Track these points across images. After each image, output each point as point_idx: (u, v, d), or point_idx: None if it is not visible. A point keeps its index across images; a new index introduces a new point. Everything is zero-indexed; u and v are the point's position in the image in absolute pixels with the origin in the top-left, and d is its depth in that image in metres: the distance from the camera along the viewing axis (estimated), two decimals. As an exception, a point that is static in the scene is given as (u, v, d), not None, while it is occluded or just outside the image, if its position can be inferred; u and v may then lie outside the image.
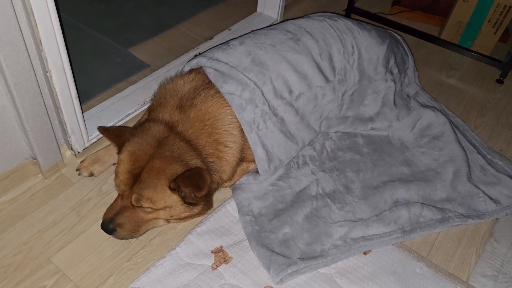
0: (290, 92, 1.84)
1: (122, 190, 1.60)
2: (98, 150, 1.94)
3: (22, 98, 1.56)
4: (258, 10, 2.93)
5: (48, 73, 1.62)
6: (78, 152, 1.94)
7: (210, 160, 1.68)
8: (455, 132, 2.14)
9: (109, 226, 1.59)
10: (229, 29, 2.75)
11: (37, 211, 1.76)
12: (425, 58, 2.83)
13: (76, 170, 1.89)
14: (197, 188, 1.54)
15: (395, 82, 2.19)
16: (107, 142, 1.99)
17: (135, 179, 1.56)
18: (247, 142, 1.76)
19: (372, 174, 1.98)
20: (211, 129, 1.69)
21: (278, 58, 1.85)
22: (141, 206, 1.58)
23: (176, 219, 1.68)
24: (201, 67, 1.81)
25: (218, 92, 1.73)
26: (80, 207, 1.79)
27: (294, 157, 1.98)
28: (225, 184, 1.84)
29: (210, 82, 1.75)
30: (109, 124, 2.03)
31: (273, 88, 1.80)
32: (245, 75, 1.75)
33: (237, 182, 1.88)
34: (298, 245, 1.67)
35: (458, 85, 2.65)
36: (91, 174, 1.88)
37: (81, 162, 1.90)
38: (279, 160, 1.85)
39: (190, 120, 1.67)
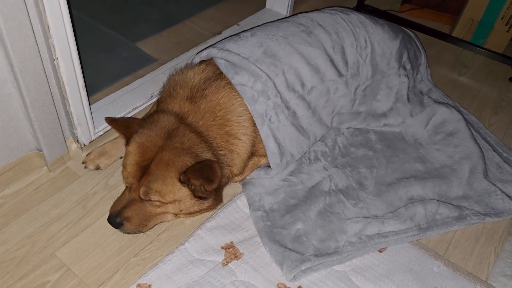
0: (303, 85, 1.79)
1: (130, 182, 1.54)
2: (105, 143, 1.89)
3: (28, 86, 1.51)
4: (267, 6, 2.89)
5: (55, 61, 1.57)
6: (84, 145, 1.88)
7: (221, 152, 1.62)
8: (470, 129, 2.09)
9: (116, 219, 1.53)
10: (238, 25, 2.71)
11: (41, 205, 1.71)
12: (437, 56, 2.78)
13: (82, 163, 1.84)
14: (207, 181, 1.48)
15: (408, 78, 2.14)
16: (114, 135, 1.94)
17: (143, 172, 1.51)
18: (259, 135, 1.71)
19: (386, 170, 1.93)
20: (222, 120, 1.64)
21: (291, 50, 1.80)
22: (150, 200, 1.52)
23: (185, 214, 1.62)
24: (211, 58, 1.77)
25: (229, 83, 1.68)
26: (85, 201, 1.73)
27: (305, 153, 1.93)
28: (236, 178, 1.78)
29: (221, 73, 1.70)
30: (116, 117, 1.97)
31: (285, 81, 1.75)
32: (257, 66, 1.70)
33: (248, 177, 1.82)
34: (312, 242, 1.61)
35: (471, 84, 2.59)
36: (97, 168, 1.83)
37: (87, 155, 1.85)
38: (290, 155, 1.80)
39: (200, 111, 1.62)
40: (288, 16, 2.28)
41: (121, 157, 1.87)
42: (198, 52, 1.83)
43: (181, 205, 1.56)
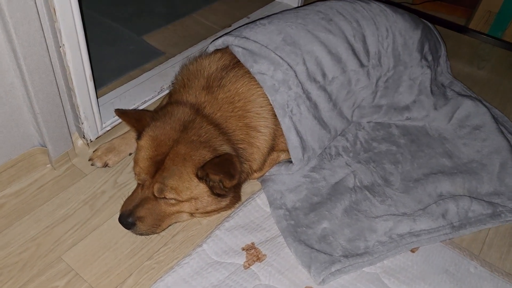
0: (324, 75, 1.69)
1: (143, 179, 1.42)
2: (113, 139, 1.77)
3: (32, 74, 1.39)
4: (276, -1, 2.79)
5: (61, 48, 1.45)
6: (91, 141, 1.76)
7: (241, 146, 1.51)
8: (496, 122, 1.98)
9: (128, 220, 1.41)
10: (248, 17, 2.60)
11: (45, 205, 1.58)
12: (453, 49, 2.68)
13: (89, 160, 1.72)
14: (228, 176, 1.37)
15: (430, 69, 2.03)
16: (122, 131, 1.82)
17: (157, 167, 1.39)
18: (280, 128, 1.60)
19: (412, 166, 1.81)
20: (242, 111, 1.52)
21: (311, 37, 1.69)
22: (164, 197, 1.41)
23: (201, 213, 1.50)
24: (227, 46, 1.65)
25: (248, 72, 1.56)
26: (93, 201, 1.61)
27: (325, 148, 1.81)
28: (254, 175, 1.67)
29: (238, 61, 1.59)
30: (124, 112, 1.85)
31: (306, 70, 1.64)
32: (277, 54, 1.59)
33: (267, 173, 1.71)
34: (339, 241, 1.49)
35: (491, 77, 2.49)
36: (106, 165, 1.70)
37: (94, 152, 1.73)
38: (312, 149, 1.69)
39: (218, 102, 1.50)
40: (302, 6, 2.17)
41: (130, 154, 1.75)
42: (213, 41, 1.72)
43: (198, 203, 1.45)
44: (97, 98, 1.74)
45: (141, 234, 1.46)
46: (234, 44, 1.62)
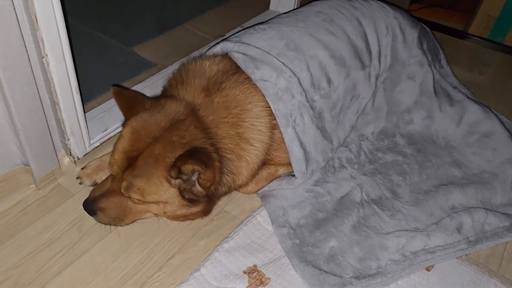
0: (329, 81, 1.60)
1: (114, 171, 1.33)
2: (103, 155, 1.65)
3: (13, 87, 1.28)
4: (271, 8, 2.71)
5: (44, 59, 1.34)
6: (78, 158, 1.64)
7: (228, 156, 1.40)
8: (507, 130, 1.90)
9: (90, 206, 1.35)
10: (241, 26, 2.52)
11: (29, 228, 1.46)
12: (453, 55, 2.60)
13: (77, 178, 1.60)
14: (202, 164, 1.23)
15: (431, 68, 1.95)
16: (109, 147, 1.70)
17: (130, 163, 1.29)
18: (274, 143, 1.50)
19: (420, 177, 1.72)
20: (236, 119, 1.41)
21: (314, 42, 1.60)
22: (130, 196, 1.32)
23: (169, 216, 1.41)
24: (226, 53, 1.55)
25: (248, 78, 1.46)
26: (81, 222, 1.49)
27: (329, 160, 1.71)
28: (241, 190, 1.57)
29: (238, 67, 1.49)
30: (114, 126, 1.74)
31: (311, 76, 1.55)
32: (279, 61, 1.49)
33: (266, 188, 1.60)
34: (349, 261, 1.38)
35: (494, 82, 2.42)
36: (95, 183, 1.58)
37: (82, 169, 1.61)
38: (316, 162, 1.59)
39: (213, 106, 1.40)
40: (299, 7, 2.09)
41: None
42: (209, 48, 1.62)
43: (167, 207, 1.35)
44: (85, 112, 1.63)
45: (103, 224, 1.39)
46: (234, 51, 1.53)
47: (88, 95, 1.92)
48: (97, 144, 1.70)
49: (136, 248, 1.43)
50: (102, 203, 1.34)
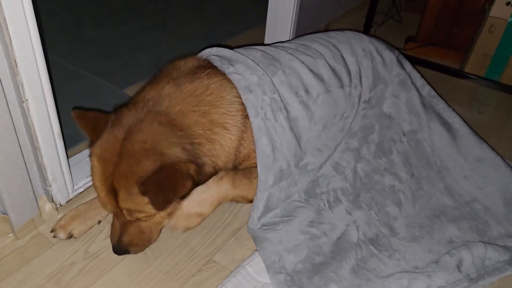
0: (307, 91, 1.61)
1: (109, 209, 1.32)
2: (80, 205, 1.57)
3: (-11, 134, 1.23)
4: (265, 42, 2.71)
5: (24, 104, 1.30)
6: (61, 205, 1.57)
7: (196, 141, 1.35)
8: (498, 155, 1.85)
9: (121, 250, 1.36)
10: (235, 67, 2.50)
11: (5, 281, 1.37)
12: (450, 94, 2.57)
13: (51, 231, 1.50)
14: (162, 203, 1.24)
15: (415, 86, 1.94)
16: (94, 193, 1.63)
17: (114, 192, 1.25)
18: (250, 132, 1.47)
19: (414, 208, 1.67)
20: (209, 107, 1.40)
21: (292, 57, 1.66)
22: (138, 219, 1.30)
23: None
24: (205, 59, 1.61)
25: (223, 74, 1.50)
26: (60, 275, 1.40)
27: (323, 193, 1.65)
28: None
29: (214, 66, 1.53)
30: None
31: (287, 80, 1.58)
32: (254, 61, 1.55)
33: (258, 227, 1.51)
34: None
35: (493, 121, 2.37)
36: (70, 236, 1.49)
37: (57, 221, 1.52)
38: (286, 162, 1.53)
39: (182, 95, 1.38)
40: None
41: (100, 222, 1.55)
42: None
43: (168, 210, 1.35)
44: (68, 157, 1.58)
45: (142, 251, 1.41)
46: (211, 54, 1.58)
47: (75, 139, 1.87)
48: (81, 189, 1.63)
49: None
50: (126, 240, 1.34)
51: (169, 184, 1.22)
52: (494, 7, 2.45)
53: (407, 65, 1.99)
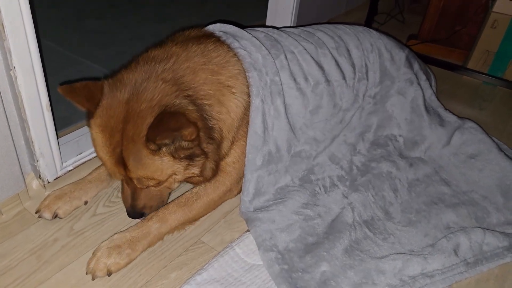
0: (306, 79, 1.58)
1: (118, 178, 1.29)
2: (64, 186, 1.52)
3: (-26, 99, 1.20)
4: (267, 24, 2.69)
5: (12, 71, 1.27)
6: (48, 182, 1.54)
7: (206, 102, 1.30)
8: (497, 148, 1.82)
9: (136, 213, 1.36)
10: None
11: (-15, 255, 1.33)
12: (452, 90, 2.54)
13: (36, 212, 1.45)
14: (172, 133, 1.14)
15: (421, 87, 1.90)
16: (87, 171, 1.60)
17: (123, 162, 1.21)
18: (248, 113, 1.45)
19: (410, 195, 1.63)
20: (218, 67, 1.36)
21: (293, 41, 1.64)
22: (148, 186, 1.29)
23: (187, 181, 1.40)
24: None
25: (229, 46, 1.46)
26: (42, 250, 1.36)
27: (318, 180, 1.61)
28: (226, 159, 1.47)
29: (219, 38, 1.50)
30: (90, 151, 1.65)
31: (288, 66, 1.55)
32: (258, 40, 1.53)
33: (252, 209, 1.48)
34: (343, 286, 1.26)
35: (495, 118, 2.32)
36: (55, 216, 1.44)
37: (42, 202, 1.46)
38: (275, 147, 1.51)
39: (189, 54, 1.34)
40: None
41: (86, 203, 1.51)
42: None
43: (177, 176, 1.29)
44: (58, 135, 1.55)
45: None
46: (216, 30, 1.55)
47: (67, 120, 1.84)
48: (70, 167, 1.59)
49: (99, 281, 1.28)
50: (139, 204, 1.34)
51: (165, 119, 1.14)
52: (498, 2, 2.42)
53: (416, 65, 1.96)
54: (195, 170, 1.30)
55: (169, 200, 1.46)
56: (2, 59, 1.26)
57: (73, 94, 1.21)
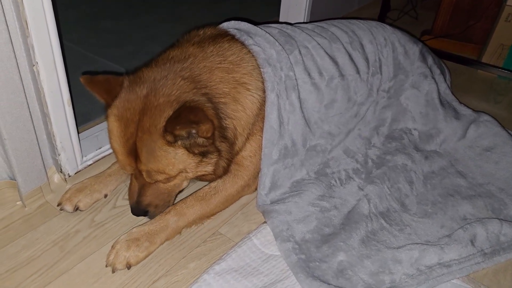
0: (320, 74, 1.60)
1: (128, 170, 1.30)
2: (85, 179, 1.55)
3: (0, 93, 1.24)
4: (280, 20, 2.72)
5: (34, 67, 1.31)
6: (69, 176, 1.58)
7: (222, 100, 1.34)
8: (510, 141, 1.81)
9: (139, 210, 1.36)
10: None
11: (9, 246, 1.37)
12: (467, 85, 2.52)
13: (58, 205, 1.49)
14: (191, 125, 1.17)
15: (435, 81, 1.91)
16: (106, 166, 1.63)
17: (135, 153, 1.23)
18: (263, 108, 1.47)
19: (425, 187, 1.63)
20: (233, 66, 1.40)
21: (308, 37, 1.65)
22: (157, 181, 1.30)
23: (197, 178, 1.41)
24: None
25: (243, 44, 1.49)
26: (64, 241, 1.39)
27: (333, 173, 1.63)
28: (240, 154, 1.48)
29: (234, 36, 1.52)
30: (108, 146, 1.68)
31: (302, 61, 1.57)
32: (272, 36, 1.54)
33: (269, 202, 1.50)
34: (360, 275, 1.26)
35: (510, 111, 2.30)
36: (76, 208, 1.48)
37: (63, 195, 1.50)
38: (291, 141, 1.52)
39: (206, 54, 1.38)
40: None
41: (106, 195, 1.55)
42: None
43: (188, 173, 1.31)
44: (79, 130, 1.58)
45: (157, 214, 1.40)
46: (229, 28, 1.58)
47: (87, 116, 1.89)
48: (90, 162, 1.63)
49: (120, 270, 1.31)
50: (145, 201, 1.34)
51: (185, 112, 1.17)
52: (512, -5, 2.40)
53: (430, 59, 1.96)
54: (208, 168, 1.33)
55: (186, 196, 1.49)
56: (25, 55, 1.30)
57: (93, 84, 1.26)
